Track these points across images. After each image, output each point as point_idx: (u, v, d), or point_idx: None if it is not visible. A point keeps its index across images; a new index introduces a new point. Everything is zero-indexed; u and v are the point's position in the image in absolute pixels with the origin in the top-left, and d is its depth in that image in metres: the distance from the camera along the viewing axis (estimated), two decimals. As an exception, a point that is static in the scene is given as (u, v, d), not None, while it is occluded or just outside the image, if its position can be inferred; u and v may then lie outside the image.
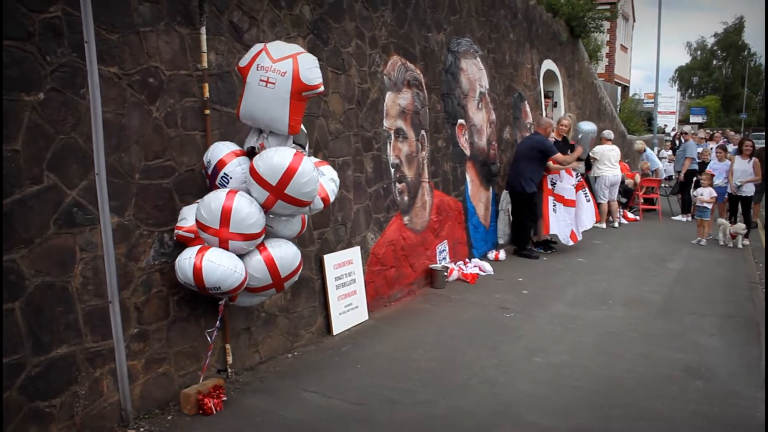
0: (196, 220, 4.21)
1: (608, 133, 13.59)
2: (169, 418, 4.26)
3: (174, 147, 4.39)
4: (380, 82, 6.84)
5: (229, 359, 4.86)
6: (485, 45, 9.71)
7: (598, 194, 12.62)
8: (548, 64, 13.26)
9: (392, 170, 7.04)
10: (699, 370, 5.44)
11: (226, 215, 4.09)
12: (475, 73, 9.26)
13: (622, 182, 13.25)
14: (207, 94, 4.57)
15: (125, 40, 4.02)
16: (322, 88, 4.34)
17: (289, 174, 4.08)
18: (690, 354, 5.81)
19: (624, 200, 13.97)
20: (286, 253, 4.50)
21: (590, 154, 12.15)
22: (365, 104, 6.55)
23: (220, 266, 4.11)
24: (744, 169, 12.48)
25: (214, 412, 4.31)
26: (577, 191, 10.25)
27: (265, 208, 4.23)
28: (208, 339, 4.57)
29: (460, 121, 8.76)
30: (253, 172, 4.17)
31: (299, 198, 4.19)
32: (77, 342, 3.78)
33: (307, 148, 4.75)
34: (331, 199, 4.72)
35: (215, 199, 4.13)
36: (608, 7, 22.74)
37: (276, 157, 4.12)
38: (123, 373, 4.01)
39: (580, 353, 5.76)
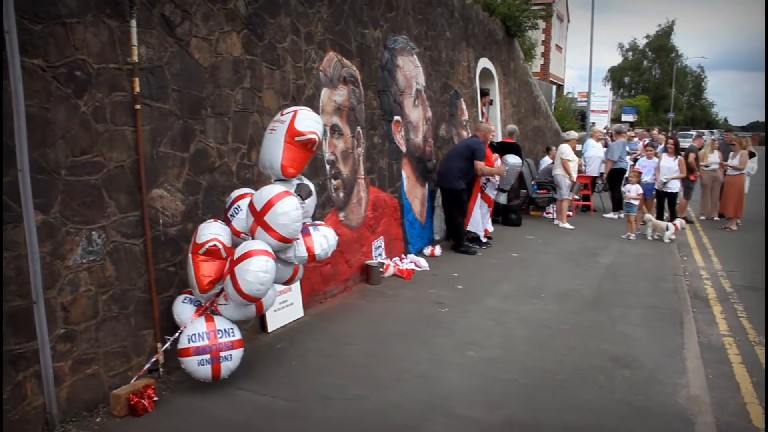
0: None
1: (570, 134, 13.90)
2: (98, 420, 4.18)
3: (103, 142, 4.29)
4: (316, 79, 6.83)
5: (161, 358, 4.79)
6: (422, 42, 9.79)
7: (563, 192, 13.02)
8: (484, 63, 13.45)
9: (328, 167, 7.04)
10: (625, 359, 5.64)
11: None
12: (411, 70, 9.33)
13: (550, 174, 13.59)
14: (137, 89, 4.48)
15: (50, 31, 3.90)
16: (312, 137, 4.67)
17: (270, 204, 4.50)
18: (617, 345, 6.02)
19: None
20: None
21: (561, 156, 12.77)
22: (300, 100, 6.52)
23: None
24: (669, 167, 13.01)
25: (146, 413, 4.24)
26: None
27: (251, 233, 4.61)
28: (160, 346, 4.61)
29: (396, 117, 8.82)
30: (250, 203, 4.67)
31: (275, 228, 4.49)
32: (-2, 344, 3.66)
33: (310, 199, 4.94)
34: (317, 252, 4.82)
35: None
36: (543, 7, 23.22)
37: (265, 191, 4.58)
38: (48, 375, 3.91)
39: (512, 346, 5.89)
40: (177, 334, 4.62)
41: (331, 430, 4.24)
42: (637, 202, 12.07)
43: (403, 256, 8.79)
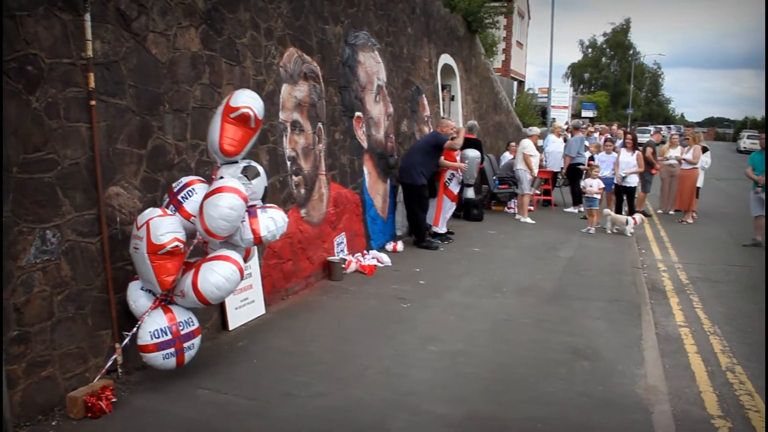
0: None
1: (531, 130, 14.01)
2: (53, 423, 4.08)
3: (56, 139, 4.19)
4: (276, 75, 6.78)
5: (120, 359, 4.70)
6: (383, 38, 9.78)
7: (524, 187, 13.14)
8: (446, 59, 13.51)
9: (288, 163, 7.00)
10: (586, 352, 5.74)
11: None
12: (372, 66, 9.31)
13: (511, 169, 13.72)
14: (92, 85, 4.39)
15: (-1, 25, 3.79)
16: (246, 111, 4.63)
17: (214, 192, 4.50)
18: (578, 337, 6.11)
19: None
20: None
21: (523, 151, 12.88)
22: (261, 96, 6.45)
23: None
24: (628, 161, 13.24)
25: (104, 415, 4.17)
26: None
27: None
28: (118, 344, 4.51)
29: (358, 113, 8.81)
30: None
31: (204, 216, 4.46)
32: (-52, 347, 3.56)
33: (257, 180, 4.81)
34: (263, 234, 4.75)
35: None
36: (504, 3, 23.39)
37: (222, 180, 4.60)
38: (1, 379, 3.80)
39: (474, 341, 5.93)
40: (135, 329, 4.54)
41: (292, 427, 4.22)
42: (598, 197, 12.28)
43: (365, 252, 8.79)
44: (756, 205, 11.25)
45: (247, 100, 4.70)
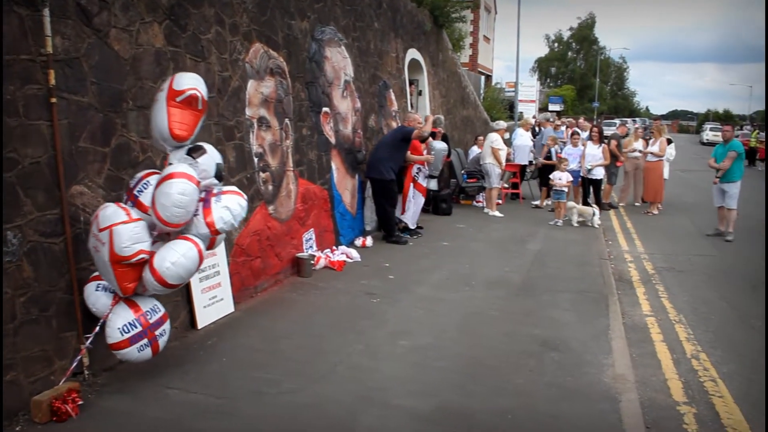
0: None
1: (499, 124, 14.06)
2: (17, 429, 4.01)
3: (16, 138, 4.10)
4: (242, 70, 6.72)
5: (86, 361, 4.63)
6: (350, 33, 9.75)
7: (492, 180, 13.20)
8: (413, 53, 13.51)
9: (255, 159, 6.95)
10: (554, 343, 5.80)
11: None
12: (339, 61, 9.28)
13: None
14: (53, 82, 4.30)
15: (-47, 20, 3.70)
16: (192, 92, 4.49)
17: (165, 178, 4.35)
18: (547, 329, 6.17)
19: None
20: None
21: (491, 145, 12.93)
22: (226, 92, 6.41)
23: None
24: (594, 154, 13.41)
25: (69, 418, 4.10)
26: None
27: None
28: (83, 345, 4.43)
29: (325, 109, 8.77)
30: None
31: (156, 204, 4.33)
32: None
33: (204, 158, 4.61)
34: (219, 226, 4.60)
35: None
36: (471, -2, 23.49)
37: (171, 167, 4.44)
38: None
39: (444, 334, 5.96)
40: (97, 328, 4.46)
41: (263, 425, 4.20)
42: (566, 190, 12.41)
43: (334, 247, 8.77)
44: (718, 196, 11.46)
45: (192, 82, 4.56)
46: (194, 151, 4.58)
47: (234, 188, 4.92)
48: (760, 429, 4.53)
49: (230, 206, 4.66)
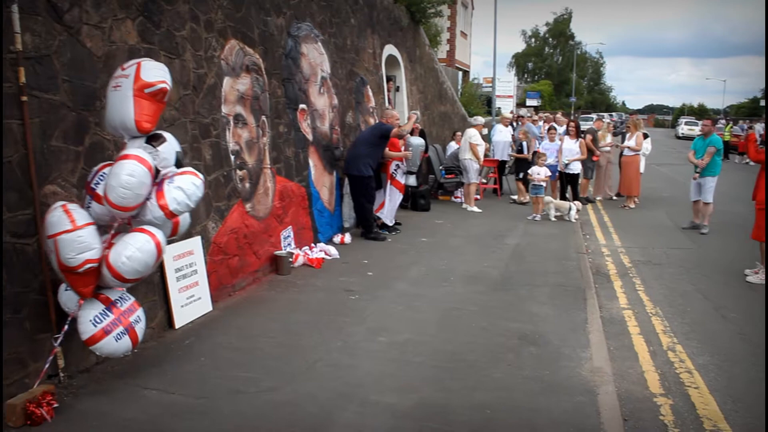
0: None
1: (476, 119, 14.08)
2: (-9, 431, 3.96)
3: (-14, 137, 4.04)
4: (217, 67, 6.67)
5: (61, 363, 4.57)
6: (326, 29, 9.71)
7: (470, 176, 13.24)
8: (390, 49, 13.50)
9: (232, 157, 6.90)
10: (533, 337, 5.83)
11: None
12: (316, 57, 9.25)
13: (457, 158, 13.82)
14: (23, 79, 4.23)
15: None
16: (163, 86, 4.42)
17: (116, 161, 4.28)
18: (525, 323, 6.20)
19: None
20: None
21: (469, 141, 12.98)
22: (202, 90, 6.36)
23: None
24: (571, 149, 13.50)
25: (45, 421, 4.05)
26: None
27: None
28: (53, 344, 4.35)
29: (302, 106, 8.73)
30: None
31: (108, 188, 4.24)
32: None
33: (164, 146, 4.55)
34: (172, 207, 4.46)
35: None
36: (447, -7, 23.45)
37: (124, 151, 4.35)
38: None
39: (422, 330, 5.96)
40: (66, 326, 4.38)
41: (241, 424, 4.17)
42: (544, 184, 12.48)
43: (312, 245, 8.74)
44: (695, 191, 11.59)
45: (162, 74, 4.47)
46: (154, 140, 4.51)
47: (189, 168, 4.76)
48: (734, 418, 4.59)
49: (183, 186, 4.51)
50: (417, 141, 11.43)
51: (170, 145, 4.63)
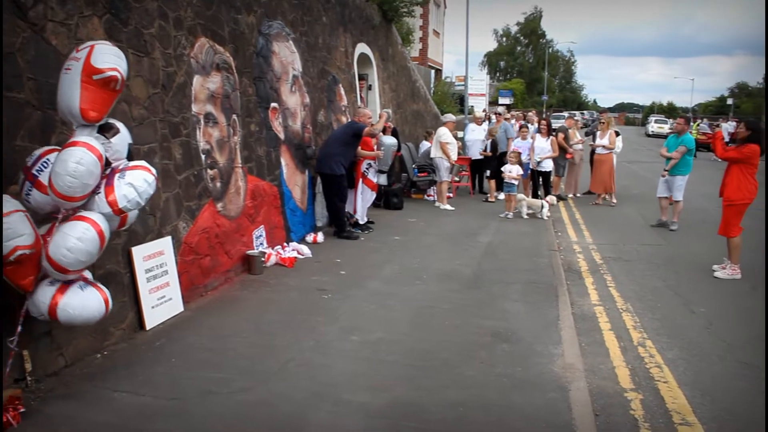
0: None
1: (447, 117, 14.10)
2: (-44, 437, 3.88)
3: (-52, 137, 3.95)
4: (187, 66, 6.60)
5: (28, 366, 4.49)
6: (297, 28, 9.67)
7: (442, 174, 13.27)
8: (362, 48, 13.48)
9: (203, 156, 6.83)
10: (505, 334, 5.86)
11: None
12: (287, 56, 9.20)
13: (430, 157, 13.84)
14: (-14, 78, 4.15)
15: None
16: (113, 74, 4.16)
17: (62, 148, 4.09)
18: (497, 321, 6.23)
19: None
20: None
21: (439, 139, 13.01)
22: (171, 88, 6.29)
23: None
24: (543, 147, 13.60)
25: (11, 426, 3.97)
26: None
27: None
28: (10, 347, 4.22)
29: (273, 104, 8.68)
30: None
31: (52, 176, 4.04)
32: None
33: (117, 138, 4.40)
34: (122, 205, 4.27)
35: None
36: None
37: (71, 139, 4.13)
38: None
39: (395, 329, 5.96)
40: (19, 327, 4.22)
41: (214, 425, 4.13)
42: (516, 182, 12.56)
43: (285, 244, 8.70)
44: (662, 187, 11.73)
45: (114, 60, 4.19)
46: (107, 131, 4.33)
47: (142, 162, 4.57)
48: (702, 411, 4.66)
49: (134, 183, 4.32)
50: (389, 140, 11.45)
51: (123, 137, 4.46)
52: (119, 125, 4.48)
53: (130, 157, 4.52)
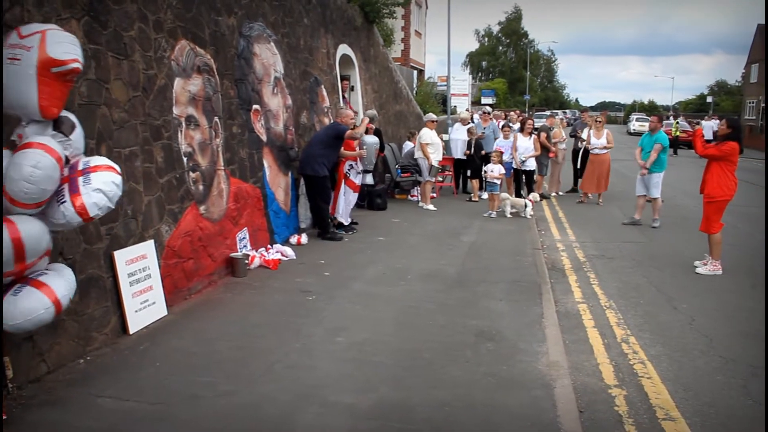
0: None
1: (428, 116, 14.11)
2: (-64, 445, 3.83)
3: (-75, 142, 3.90)
4: (168, 68, 6.56)
5: (9, 373, 4.44)
6: (279, 29, 9.64)
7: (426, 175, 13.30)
8: (344, 49, 13.47)
9: (185, 159, 6.80)
10: (490, 333, 5.88)
11: None
12: (269, 57, 9.18)
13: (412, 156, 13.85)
14: (-37, 82, 4.09)
15: None
16: (75, 66, 3.89)
17: (17, 150, 3.78)
18: (482, 320, 6.25)
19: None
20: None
21: (420, 140, 13.08)
22: (152, 91, 6.25)
23: None
24: (526, 146, 13.65)
25: (-7, 432, 3.94)
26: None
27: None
28: (7, 360, 4.20)
29: (255, 106, 8.66)
30: None
31: (7, 182, 3.75)
32: None
33: (76, 138, 4.22)
34: (93, 213, 4.04)
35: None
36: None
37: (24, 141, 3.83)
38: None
39: (380, 329, 5.96)
40: None
41: (200, 429, 4.12)
42: (499, 182, 12.61)
43: (269, 246, 8.67)
44: (640, 185, 11.79)
45: (72, 49, 3.88)
46: (65, 127, 4.05)
47: (103, 160, 4.25)
48: (685, 406, 4.70)
49: (104, 189, 4.05)
50: (371, 140, 11.46)
51: (80, 130, 4.22)
52: (72, 117, 4.19)
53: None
